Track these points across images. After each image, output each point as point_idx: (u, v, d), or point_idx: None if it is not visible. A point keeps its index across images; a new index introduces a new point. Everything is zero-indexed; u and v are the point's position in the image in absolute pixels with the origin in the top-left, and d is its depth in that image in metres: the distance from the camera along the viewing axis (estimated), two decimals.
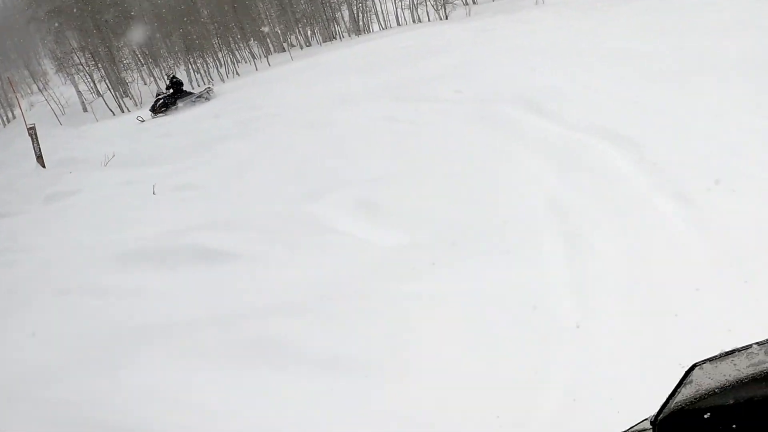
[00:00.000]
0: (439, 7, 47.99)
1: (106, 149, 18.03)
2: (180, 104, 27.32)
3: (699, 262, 5.11)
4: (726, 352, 1.32)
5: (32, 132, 19.06)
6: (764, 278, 4.60)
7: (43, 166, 17.97)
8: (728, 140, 7.34)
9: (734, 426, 1.24)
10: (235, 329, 5.15)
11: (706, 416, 1.24)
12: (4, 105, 70.95)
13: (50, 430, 4.18)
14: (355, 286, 5.83)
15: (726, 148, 7.12)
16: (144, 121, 26.21)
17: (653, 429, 1.31)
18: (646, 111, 9.12)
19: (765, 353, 1.29)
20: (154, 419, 4.20)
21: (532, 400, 3.99)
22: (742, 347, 1.31)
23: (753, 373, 1.25)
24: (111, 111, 47.92)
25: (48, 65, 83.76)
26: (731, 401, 1.25)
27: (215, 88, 30.10)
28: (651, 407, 1.36)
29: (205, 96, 28.00)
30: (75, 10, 49.14)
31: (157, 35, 53.34)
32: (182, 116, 24.15)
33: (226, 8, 52.10)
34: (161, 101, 28.05)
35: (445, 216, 7.21)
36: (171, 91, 28.49)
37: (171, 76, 29.84)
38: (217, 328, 5.24)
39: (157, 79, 51.99)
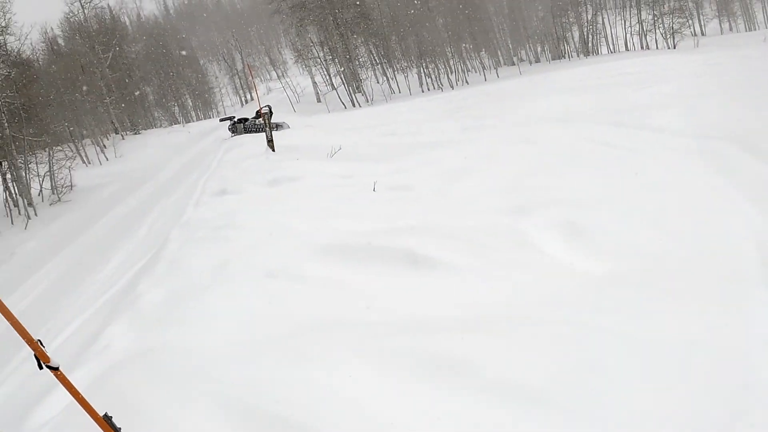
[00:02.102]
0: (668, 36, 46.75)
1: (333, 141, 18.82)
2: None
3: None
4: None
5: (266, 114, 20.22)
6: None
7: (273, 150, 19.01)
8: None
9: None
10: (425, 341, 5.04)
11: None
12: (244, 87, 76.78)
13: (218, 414, 4.24)
14: (548, 310, 5.67)
15: None
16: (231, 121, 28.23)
17: None
18: None
19: None
20: (331, 424, 4.09)
21: None
22: None
23: None
24: (342, 104, 50.04)
25: (287, 55, 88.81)
26: None
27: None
28: None
29: (282, 126, 29.78)
30: (317, 8, 51.70)
31: (393, 38, 55.01)
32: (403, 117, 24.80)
33: (461, 18, 52.94)
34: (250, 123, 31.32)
35: (650, 250, 6.92)
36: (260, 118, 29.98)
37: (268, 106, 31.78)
38: (409, 337, 5.17)
39: (390, 79, 53.74)
